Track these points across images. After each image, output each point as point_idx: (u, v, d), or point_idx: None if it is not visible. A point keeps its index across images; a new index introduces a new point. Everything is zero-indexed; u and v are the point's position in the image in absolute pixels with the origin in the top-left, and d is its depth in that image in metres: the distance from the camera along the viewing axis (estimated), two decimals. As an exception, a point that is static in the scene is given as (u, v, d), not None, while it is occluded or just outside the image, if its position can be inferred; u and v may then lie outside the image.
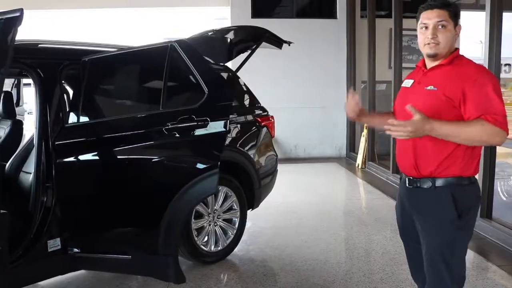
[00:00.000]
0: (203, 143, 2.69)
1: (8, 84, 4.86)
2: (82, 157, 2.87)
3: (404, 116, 1.93)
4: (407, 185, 2.10)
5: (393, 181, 6.65)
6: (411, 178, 2.08)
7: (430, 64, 2.05)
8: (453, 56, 2.00)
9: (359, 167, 7.96)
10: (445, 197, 1.98)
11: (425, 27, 1.97)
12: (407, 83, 2.14)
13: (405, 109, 1.90)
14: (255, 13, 8.82)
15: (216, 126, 2.61)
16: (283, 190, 6.18)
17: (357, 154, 8.26)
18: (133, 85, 3.09)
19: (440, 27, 1.94)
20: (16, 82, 4.81)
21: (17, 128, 3.65)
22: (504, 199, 5.34)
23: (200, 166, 2.67)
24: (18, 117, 3.75)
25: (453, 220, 1.97)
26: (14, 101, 4.78)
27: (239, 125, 4.01)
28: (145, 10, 10.41)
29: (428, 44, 1.97)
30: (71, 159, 2.84)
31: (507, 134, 1.86)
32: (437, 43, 1.95)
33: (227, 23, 8.51)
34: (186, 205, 2.65)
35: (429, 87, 1.96)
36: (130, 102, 3.10)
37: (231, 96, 2.92)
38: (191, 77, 2.66)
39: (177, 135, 2.67)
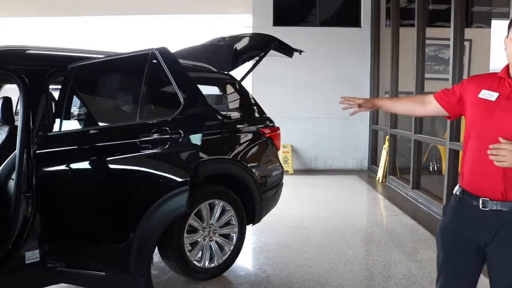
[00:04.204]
0: (175, 157, 2.54)
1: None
2: (60, 168, 2.78)
3: (489, 134, 1.77)
4: (480, 207, 1.84)
5: (412, 197, 6.34)
6: (487, 200, 1.82)
7: None
8: None
9: (380, 180, 7.67)
10: None
11: None
12: (490, 95, 1.85)
13: (490, 125, 1.78)
14: (277, 21, 8.67)
15: (189, 140, 2.46)
16: (296, 203, 6.01)
17: (378, 167, 7.96)
18: (115, 94, 2.99)
19: None
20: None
21: (14, 134, 3.60)
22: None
23: (171, 181, 2.52)
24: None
25: None
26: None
27: (239, 136, 3.85)
28: (170, 17, 10.48)
29: None
30: (50, 169, 2.76)
31: None
32: None
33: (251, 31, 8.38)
34: (157, 223, 2.50)
35: None
36: (111, 111, 3.00)
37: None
38: (168, 87, 2.52)
39: (150, 147, 2.54)
